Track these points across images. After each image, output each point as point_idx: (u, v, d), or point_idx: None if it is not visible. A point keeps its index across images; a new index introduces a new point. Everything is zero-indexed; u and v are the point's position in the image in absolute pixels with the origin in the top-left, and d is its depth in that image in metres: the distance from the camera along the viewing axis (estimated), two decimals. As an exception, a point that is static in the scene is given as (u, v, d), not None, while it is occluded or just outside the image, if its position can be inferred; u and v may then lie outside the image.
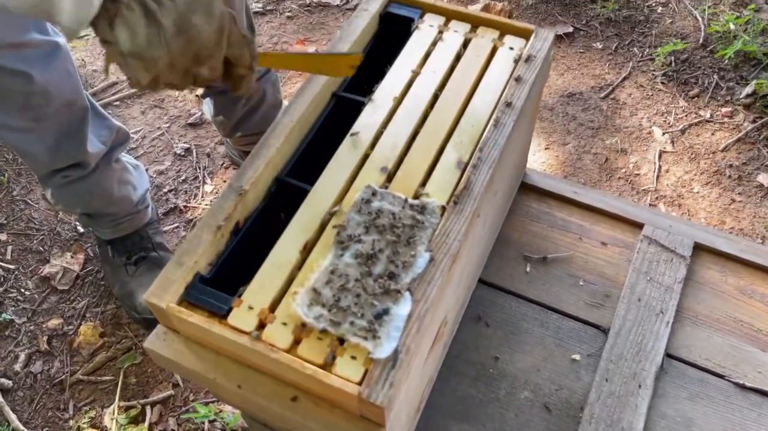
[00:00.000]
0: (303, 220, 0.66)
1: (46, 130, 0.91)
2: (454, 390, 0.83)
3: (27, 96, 0.85)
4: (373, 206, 0.65)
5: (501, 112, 0.74)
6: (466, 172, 0.69)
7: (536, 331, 0.87)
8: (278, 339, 0.57)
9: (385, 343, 0.56)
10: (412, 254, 0.62)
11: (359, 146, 0.72)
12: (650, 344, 0.85)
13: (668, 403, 0.81)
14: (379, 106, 0.76)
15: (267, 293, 0.61)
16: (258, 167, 0.69)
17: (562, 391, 0.83)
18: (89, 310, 1.13)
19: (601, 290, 0.91)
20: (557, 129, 1.35)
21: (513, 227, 0.98)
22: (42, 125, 0.91)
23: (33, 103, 0.87)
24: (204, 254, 0.64)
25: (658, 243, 0.94)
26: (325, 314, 0.58)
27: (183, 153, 1.37)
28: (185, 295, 0.62)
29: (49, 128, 0.91)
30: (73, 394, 1.04)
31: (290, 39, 1.65)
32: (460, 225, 0.66)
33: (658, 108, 1.36)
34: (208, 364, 0.62)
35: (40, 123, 0.90)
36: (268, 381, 0.60)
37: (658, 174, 1.25)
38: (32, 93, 0.85)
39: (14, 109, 0.86)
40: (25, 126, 0.90)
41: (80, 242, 1.23)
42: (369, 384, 0.54)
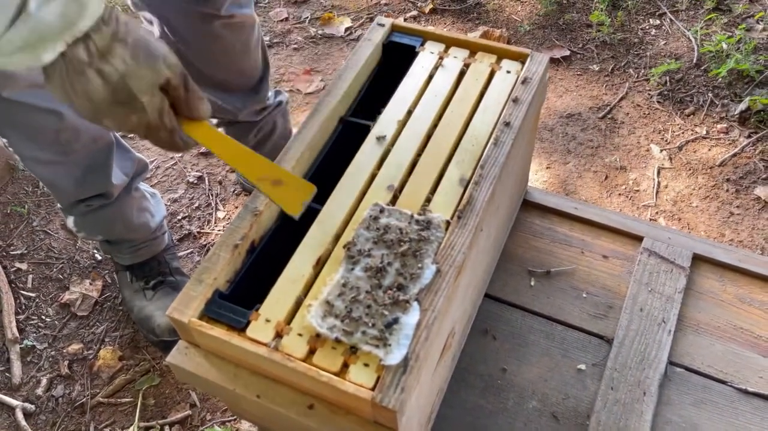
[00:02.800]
0: (315, 237, 0.69)
1: (74, 163, 0.96)
2: (464, 401, 0.85)
3: (57, 132, 0.90)
4: (381, 222, 0.68)
5: (500, 131, 0.78)
6: (469, 188, 0.72)
7: (542, 343, 0.89)
8: (294, 349, 0.60)
9: (395, 350, 0.59)
10: (419, 266, 0.65)
11: (366, 167, 0.76)
12: (653, 352, 0.87)
13: (673, 409, 0.83)
14: (384, 129, 0.79)
15: (283, 307, 0.63)
16: None
17: (568, 400, 0.84)
18: (108, 334, 1.16)
19: (604, 302, 0.93)
20: (558, 149, 1.39)
21: (517, 243, 1.01)
22: (70, 159, 0.95)
23: (62, 138, 0.92)
24: (222, 271, 0.67)
25: (658, 255, 0.96)
26: (338, 325, 0.60)
27: (196, 181, 1.42)
28: (205, 310, 0.65)
29: (77, 162, 0.96)
30: (94, 416, 1.06)
31: (297, 69, 1.71)
32: (464, 238, 0.68)
33: (655, 126, 1.40)
34: (228, 376, 0.65)
35: (68, 157, 0.95)
36: (285, 390, 0.63)
37: (658, 190, 1.28)
38: (62, 130, 0.90)
39: (44, 143, 0.91)
40: (54, 159, 0.94)
41: (98, 270, 1.27)
42: (381, 390, 0.57)
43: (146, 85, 0.55)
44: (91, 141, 0.95)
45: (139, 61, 0.54)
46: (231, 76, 1.12)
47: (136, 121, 0.57)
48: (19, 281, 1.23)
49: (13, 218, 1.36)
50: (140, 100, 0.55)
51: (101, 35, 0.52)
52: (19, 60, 0.49)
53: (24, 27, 0.47)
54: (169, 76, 0.56)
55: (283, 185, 0.63)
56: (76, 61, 0.52)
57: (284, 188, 0.63)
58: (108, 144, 0.99)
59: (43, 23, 0.48)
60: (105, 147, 0.98)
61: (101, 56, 0.52)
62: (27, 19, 0.47)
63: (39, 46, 0.49)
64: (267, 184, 0.63)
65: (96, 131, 0.95)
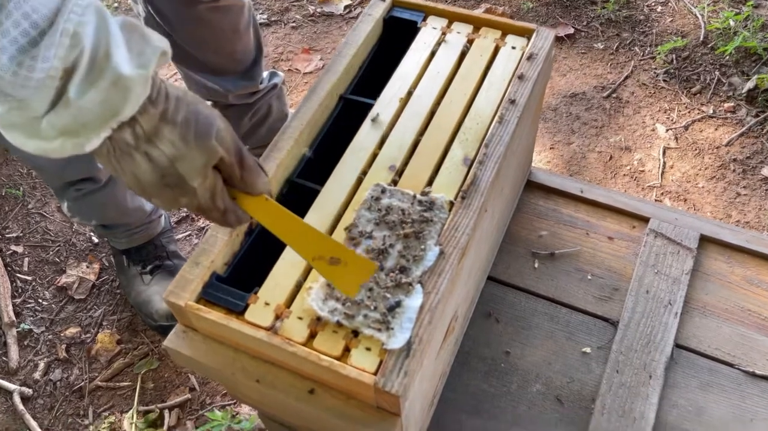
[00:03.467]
0: (315, 218, 0.67)
1: None
2: (467, 385, 0.84)
3: None
4: (383, 203, 0.67)
5: (505, 109, 0.75)
6: (473, 168, 0.70)
7: (546, 325, 0.88)
8: (294, 333, 0.59)
9: (398, 334, 0.57)
10: (422, 248, 0.64)
11: (367, 146, 0.74)
12: (659, 335, 0.86)
13: (679, 393, 0.82)
14: (385, 107, 0.77)
15: (282, 290, 0.62)
16: (270, 169, 0.71)
17: (573, 383, 0.83)
18: (106, 318, 1.15)
19: (609, 284, 0.92)
20: (561, 129, 1.37)
21: (520, 225, 0.99)
22: None
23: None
24: (220, 253, 0.65)
25: (664, 236, 0.95)
26: (339, 308, 0.59)
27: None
28: (203, 293, 0.63)
29: None
30: (93, 400, 1.05)
31: (295, 49, 1.68)
32: (468, 219, 0.67)
33: (660, 105, 1.38)
34: (227, 360, 0.63)
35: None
36: (285, 374, 0.61)
37: (663, 170, 1.26)
38: None
39: None
40: None
41: (95, 253, 1.25)
42: (384, 374, 0.55)
43: (197, 168, 0.51)
44: None
45: (189, 142, 0.50)
46: (221, 59, 1.09)
47: (186, 203, 0.53)
48: (15, 264, 1.22)
49: (8, 200, 1.34)
50: (191, 184, 0.51)
51: (148, 117, 0.47)
52: (61, 146, 0.46)
53: (65, 113, 0.44)
54: (222, 155, 0.52)
55: (341, 265, 0.57)
56: (123, 143, 0.48)
57: (342, 269, 0.57)
58: None
59: (85, 111, 0.44)
60: None
61: (148, 140, 0.48)
62: (68, 105, 0.44)
63: (81, 134, 0.45)
64: (324, 263, 0.57)
65: None
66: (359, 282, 0.58)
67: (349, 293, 0.58)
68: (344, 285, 0.58)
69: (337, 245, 0.58)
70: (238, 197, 0.57)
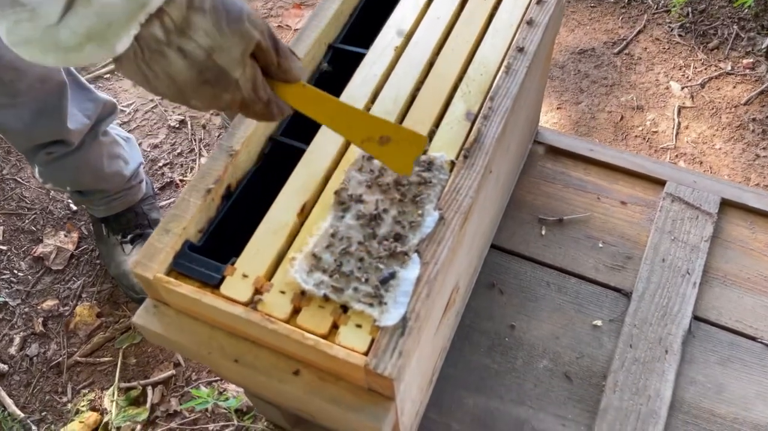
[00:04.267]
0: (300, 181, 0.62)
1: (23, 106, 0.87)
2: (468, 360, 0.80)
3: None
4: (376, 163, 0.61)
5: (513, 58, 0.69)
6: (476, 123, 0.64)
7: (554, 297, 0.84)
8: (276, 309, 0.54)
9: (392, 309, 0.52)
10: (419, 213, 0.58)
11: (359, 99, 0.67)
12: (676, 307, 0.81)
13: (697, 368, 0.78)
14: (379, 57, 0.70)
15: (263, 260, 0.56)
16: (250, 125, 0.65)
17: (583, 359, 0.79)
18: (85, 290, 1.09)
19: (622, 252, 0.87)
20: (569, 88, 1.29)
21: (526, 189, 0.94)
22: (18, 101, 0.87)
23: (5, 78, 0.83)
24: (193, 220, 0.60)
25: (682, 200, 0.89)
26: (326, 281, 0.54)
27: (177, 125, 1.32)
28: (174, 264, 0.58)
29: (26, 104, 0.87)
30: (71, 377, 1.00)
31: (286, 4, 1.58)
32: (471, 181, 0.61)
33: (675, 62, 1.30)
34: (202, 338, 0.58)
35: (16, 99, 0.86)
36: (267, 354, 0.57)
37: (678, 131, 1.18)
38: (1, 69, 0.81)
39: None
40: (1, 102, 0.85)
41: (74, 221, 1.19)
42: (376, 354, 0.51)
43: (237, 57, 0.47)
44: (37, 81, 0.86)
45: (224, 30, 0.46)
46: None
47: (229, 99, 0.49)
48: (-11, 233, 1.16)
49: (-19, 166, 1.27)
50: (232, 76, 0.47)
51: (176, 6, 0.43)
52: (91, 53, 0.42)
53: (87, 13, 0.40)
54: (258, 39, 0.48)
55: (392, 142, 0.54)
56: (153, 41, 0.44)
57: (393, 146, 0.54)
58: (59, 85, 0.89)
59: (108, 7, 0.41)
60: (56, 88, 0.89)
61: (180, 32, 0.44)
62: (88, 3, 0.40)
63: (109, 34, 0.42)
64: (374, 144, 0.54)
65: (43, 71, 0.86)
66: (412, 158, 0.54)
67: (406, 172, 0.55)
68: (397, 164, 0.55)
69: (384, 122, 0.54)
70: (276, 88, 0.53)
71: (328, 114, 0.54)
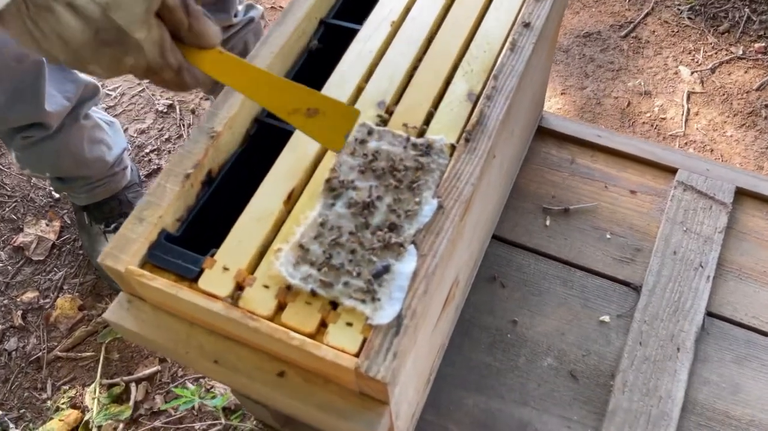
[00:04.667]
0: (287, 165, 0.57)
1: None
2: (468, 358, 0.76)
3: None
4: (370, 146, 0.57)
5: (518, 34, 0.64)
6: (479, 104, 0.60)
7: (559, 291, 0.81)
8: (259, 305, 0.49)
9: (386, 306, 0.48)
10: (416, 201, 0.54)
11: (351, 78, 0.62)
12: (689, 302, 0.77)
13: (711, 367, 0.74)
14: (374, 32, 0.65)
15: (245, 251, 0.52)
16: (233, 105, 0.60)
17: (589, 357, 0.75)
18: (67, 281, 1.05)
19: (631, 244, 0.83)
20: (573, 72, 1.24)
21: (530, 177, 0.89)
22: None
23: None
24: (170, 208, 0.55)
25: (694, 189, 0.85)
26: (314, 274, 0.50)
27: (165, 110, 1.27)
28: (149, 256, 0.54)
29: (0, 84, 0.82)
30: (51, 372, 0.96)
31: (279, -14, 1.53)
32: (473, 166, 0.56)
33: (684, 46, 1.25)
34: (180, 336, 0.54)
35: None
36: (249, 354, 0.52)
37: (687, 117, 1.14)
38: None
39: None
40: None
41: (56, 209, 1.14)
42: (368, 356, 0.46)
43: (138, 14, 0.42)
44: (13, 60, 0.81)
45: None
46: None
47: (132, 63, 0.44)
48: (-32, 221, 1.11)
49: (-40, 152, 1.22)
50: (133, 37, 0.42)
51: None
52: None
53: None
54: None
55: (320, 115, 0.50)
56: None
57: (321, 119, 0.50)
58: (36, 64, 0.84)
59: None
60: (32, 67, 0.84)
61: None
62: None
63: None
64: (300, 117, 0.50)
65: (17, 49, 0.80)
66: (343, 132, 0.51)
67: (336, 147, 0.51)
68: (327, 138, 0.51)
69: (311, 92, 0.51)
70: (189, 55, 0.49)
71: (248, 84, 0.50)
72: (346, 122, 0.50)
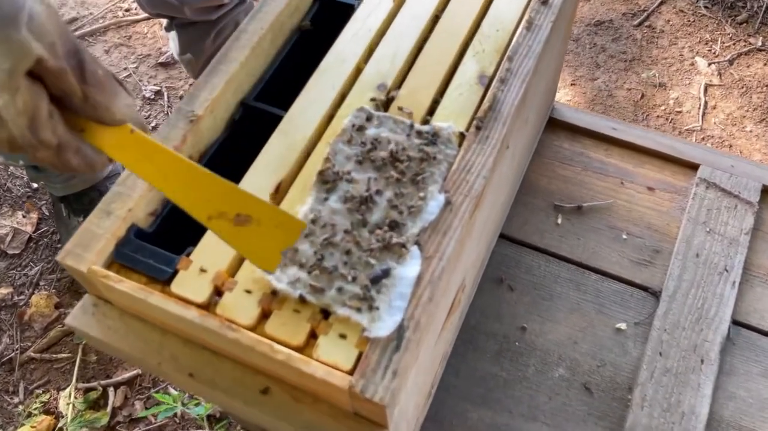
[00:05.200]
0: (274, 154, 0.51)
1: None
2: (473, 368, 0.71)
3: None
4: (368, 134, 0.51)
5: (535, 11, 0.58)
6: (492, 88, 0.54)
7: (571, 295, 0.74)
8: (240, 313, 0.44)
9: (385, 316, 0.43)
10: (421, 196, 0.48)
11: (349, 57, 0.56)
12: (713, 309, 0.71)
13: (737, 381, 0.68)
14: (375, 8, 0.59)
15: (225, 251, 0.46)
16: (216, 86, 0.54)
17: (605, 368, 0.70)
18: (43, 277, 0.99)
19: (650, 245, 0.78)
20: (584, 62, 1.18)
21: (540, 172, 0.84)
22: None
23: None
24: (142, 200, 0.49)
25: (717, 187, 0.79)
26: (303, 278, 0.44)
27: (153, 96, 1.22)
28: (116, 254, 0.48)
29: None
30: (24, 374, 0.91)
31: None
32: (485, 158, 0.50)
33: (701, 36, 1.19)
34: (151, 346, 0.48)
35: None
36: (229, 367, 0.47)
37: (704, 111, 1.08)
38: None
39: None
40: None
41: (34, 200, 1.08)
42: (364, 374, 0.41)
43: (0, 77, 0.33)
44: None
45: None
46: None
47: None
48: (-60, 212, 1.05)
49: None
50: None
51: None
52: None
53: None
54: (40, 55, 0.34)
55: (253, 224, 0.41)
56: None
57: (254, 230, 0.41)
58: None
59: None
60: None
61: None
62: None
63: None
64: (225, 224, 0.41)
65: None
66: (281, 248, 0.42)
67: (267, 268, 0.43)
68: (258, 255, 0.42)
69: (246, 195, 0.42)
70: (89, 130, 0.39)
71: (163, 175, 0.40)
72: (287, 237, 0.42)
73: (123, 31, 1.30)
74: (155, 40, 1.30)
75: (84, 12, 1.32)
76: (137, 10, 1.34)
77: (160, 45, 1.30)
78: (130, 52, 1.28)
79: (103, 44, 1.30)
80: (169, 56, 1.28)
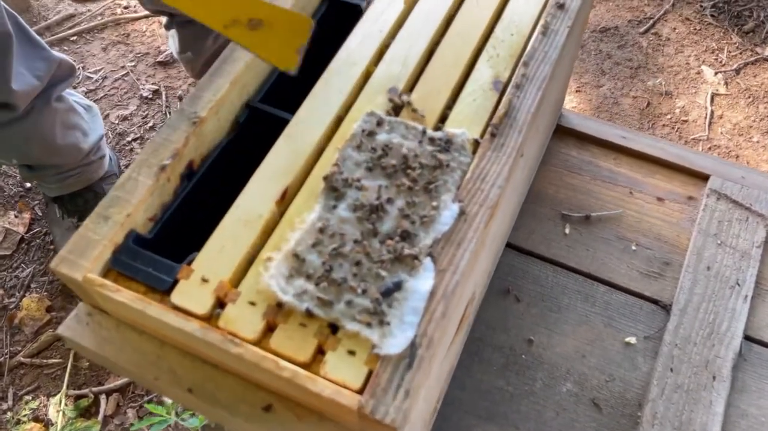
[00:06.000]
0: (281, 159, 0.49)
1: None
2: (479, 381, 0.69)
3: None
4: (379, 139, 0.49)
5: (551, 16, 0.57)
6: (507, 94, 0.52)
7: (579, 307, 0.73)
8: (243, 326, 0.42)
9: (397, 332, 0.41)
10: (434, 205, 0.47)
11: (359, 60, 0.54)
12: (725, 324, 0.70)
13: (750, 399, 0.67)
14: (385, 9, 0.58)
15: (229, 260, 0.45)
16: (220, 87, 0.52)
17: (614, 383, 0.68)
18: (35, 279, 0.97)
19: (659, 257, 0.76)
20: (589, 69, 1.17)
21: (548, 180, 0.82)
22: None
23: None
24: (142, 205, 0.47)
25: (729, 198, 0.78)
26: (310, 290, 0.42)
27: (151, 96, 1.20)
28: (113, 262, 0.46)
29: None
30: (14, 380, 0.88)
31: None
32: (501, 166, 0.49)
33: (707, 44, 1.18)
34: (148, 359, 0.46)
35: None
36: (231, 383, 0.45)
37: (711, 120, 1.07)
38: None
39: None
40: None
41: (27, 200, 1.06)
42: (374, 393, 0.39)
43: None
44: None
45: None
46: None
47: None
48: (-70, 211, 1.02)
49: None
50: None
51: None
52: None
53: None
54: None
55: (265, 27, 0.43)
56: None
57: (267, 32, 0.43)
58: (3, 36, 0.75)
59: None
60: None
61: None
62: None
63: None
64: (240, 29, 0.43)
65: None
66: (295, 47, 0.43)
67: (288, 66, 0.44)
68: (277, 56, 0.44)
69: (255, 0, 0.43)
70: None
71: None
72: (298, 35, 0.43)
73: (121, 28, 1.28)
74: (154, 38, 1.28)
75: (82, 9, 1.29)
76: (136, 8, 1.32)
77: (158, 43, 1.28)
78: (128, 50, 1.26)
79: (101, 42, 1.28)
80: (168, 55, 1.26)
